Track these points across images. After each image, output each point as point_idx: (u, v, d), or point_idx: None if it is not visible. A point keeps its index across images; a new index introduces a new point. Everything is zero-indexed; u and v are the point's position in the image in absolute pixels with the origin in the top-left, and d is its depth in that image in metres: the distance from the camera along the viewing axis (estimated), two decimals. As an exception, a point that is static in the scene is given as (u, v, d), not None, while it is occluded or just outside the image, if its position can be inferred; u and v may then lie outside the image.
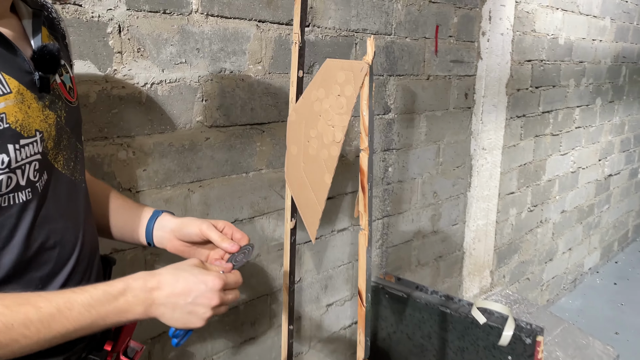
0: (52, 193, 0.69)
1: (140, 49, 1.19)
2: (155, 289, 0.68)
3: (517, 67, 2.54)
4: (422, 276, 2.27)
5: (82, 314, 0.63)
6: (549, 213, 3.17)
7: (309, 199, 1.10)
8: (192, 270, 0.72)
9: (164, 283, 0.69)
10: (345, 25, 1.64)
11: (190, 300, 0.69)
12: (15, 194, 0.63)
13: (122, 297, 0.66)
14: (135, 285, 0.67)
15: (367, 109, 0.97)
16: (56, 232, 0.70)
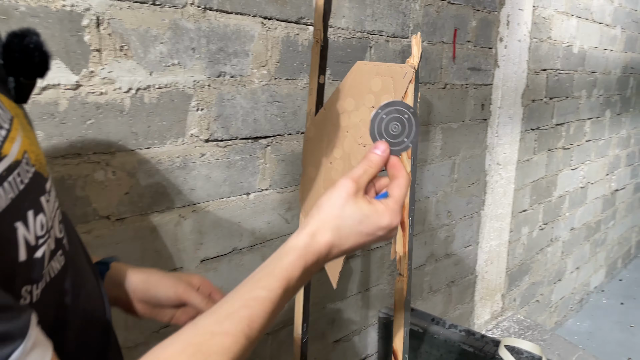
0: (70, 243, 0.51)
1: (123, 47, 0.97)
2: (328, 252, 0.56)
3: (532, 76, 2.37)
4: (434, 304, 2.07)
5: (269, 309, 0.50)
6: (559, 231, 3.00)
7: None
8: (359, 212, 0.56)
9: (334, 243, 0.55)
10: (359, 26, 1.44)
11: (367, 244, 0.58)
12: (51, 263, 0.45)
13: (300, 281, 0.54)
14: (311, 264, 0.54)
15: (410, 125, 0.77)
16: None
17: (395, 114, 0.61)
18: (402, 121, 0.61)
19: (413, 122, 0.60)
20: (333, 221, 0.55)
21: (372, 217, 0.56)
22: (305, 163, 0.94)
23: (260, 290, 0.50)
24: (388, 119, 0.61)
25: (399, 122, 0.61)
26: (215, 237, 1.20)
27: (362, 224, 0.55)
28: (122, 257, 1.04)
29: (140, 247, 1.07)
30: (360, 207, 0.56)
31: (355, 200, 0.56)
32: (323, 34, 0.86)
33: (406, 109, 0.61)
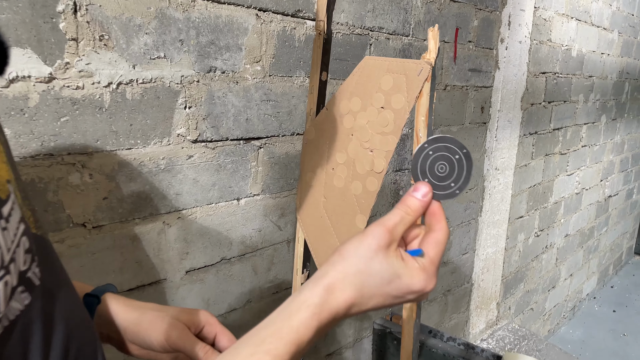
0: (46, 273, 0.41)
1: (103, 37, 0.88)
2: (346, 311, 0.47)
3: (532, 79, 2.30)
4: (429, 314, 1.99)
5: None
6: (554, 237, 2.94)
7: (330, 247, 0.80)
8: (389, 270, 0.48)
9: (354, 301, 0.47)
10: (359, 22, 1.36)
11: (392, 304, 0.50)
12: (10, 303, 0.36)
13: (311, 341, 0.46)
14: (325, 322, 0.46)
15: (424, 127, 0.69)
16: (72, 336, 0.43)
17: (444, 152, 0.52)
18: (452, 162, 0.51)
19: (464, 165, 0.51)
20: (357, 276, 0.47)
21: (404, 277, 0.48)
22: (303, 168, 0.85)
23: (263, 355, 0.42)
24: (435, 157, 0.52)
25: (448, 163, 0.51)
26: (202, 246, 1.11)
27: (391, 284, 0.47)
28: (101, 268, 0.95)
29: (120, 258, 0.97)
30: (391, 263, 0.47)
31: (387, 254, 0.47)
32: (326, 26, 0.78)
33: (458, 149, 0.51)
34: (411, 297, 0.49)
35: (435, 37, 0.66)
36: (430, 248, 0.49)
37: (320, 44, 0.78)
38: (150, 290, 1.03)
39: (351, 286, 0.46)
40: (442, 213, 0.51)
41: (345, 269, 0.47)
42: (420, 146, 0.52)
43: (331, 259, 0.49)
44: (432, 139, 0.52)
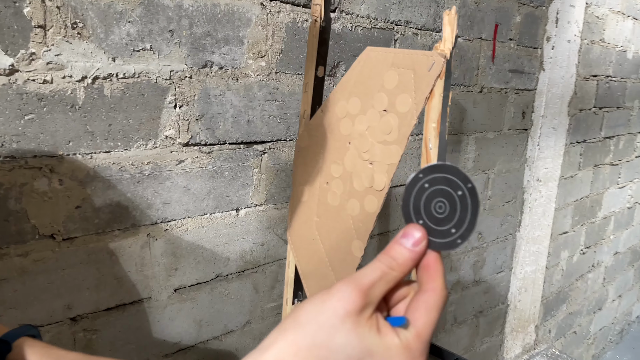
0: None
1: (77, 25, 0.77)
2: None
3: (581, 82, 2.09)
4: (458, 337, 1.82)
5: None
6: (601, 255, 2.70)
7: (323, 277, 0.67)
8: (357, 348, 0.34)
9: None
10: (382, 15, 1.22)
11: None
12: None
13: None
14: None
15: (435, 137, 0.54)
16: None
17: (444, 186, 0.39)
18: (453, 199, 0.38)
19: (469, 205, 0.38)
20: (314, 352, 0.34)
21: (379, 357, 0.34)
22: (295, 181, 0.72)
23: None
24: (432, 192, 0.39)
25: (448, 200, 0.38)
26: (194, 262, 0.99)
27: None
28: (73, 285, 0.84)
29: (96, 274, 0.86)
30: (361, 337, 0.34)
31: (357, 323, 0.35)
32: (324, 12, 0.65)
33: (462, 182, 0.38)
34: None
35: (451, 23, 0.52)
36: (418, 315, 0.36)
37: (316, 33, 0.65)
38: (132, 310, 0.93)
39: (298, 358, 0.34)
40: (440, 268, 0.38)
41: (297, 341, 0.34)
42: (413, 177, 0.39)
43: (283, 324, 0.36)
44: (429, 167, 0.39)
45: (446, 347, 1.71)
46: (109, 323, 0.90)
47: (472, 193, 0.38)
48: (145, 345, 0.95)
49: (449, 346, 1.77)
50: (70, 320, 0.85)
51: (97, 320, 0.88)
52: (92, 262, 0.86)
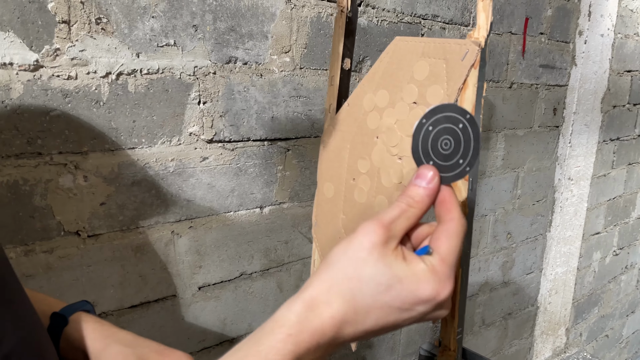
0: None
1: (101, 20, 0.77)
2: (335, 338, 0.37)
3: (615, 78, 2.03)
4: (486, 339, 1.78)
5: None
6: (635, 257, 2.61)
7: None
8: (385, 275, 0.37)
9: (344, 321, 0.37)
10: (409, 8, 1.19)
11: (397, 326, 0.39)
12: None
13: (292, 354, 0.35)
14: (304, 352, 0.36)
15: (468, 131, 0.52)
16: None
17: (446, 124, 0.41)
18: (456, 134, 0.41)
19: (470, 133, 0.41)
20: (345, 285, 0.37)
21: (407, 282, 0.37)
22: (320, 177, 0.70)
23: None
24: (436, 132, 0.41)
25: (451, 136, 0.41)
26: (219, 259, 0.98)
27: (390, 292, 0.36)
28: (97, 282, 0.84)
29: (120, 271, 0.86)
30: (389, 264, 0.37)
31: (383, 254, 0.37)
32: (351, 0, 0.62)
33: (460, 115, 0.41)
34: (422, 309, 0.38)
35: (486, 9, 0.50)
36: (440, 243, 0.38)
37: (342, 24, 0.63)
38: (157, 307, 0.92)
39: (338, 298, 0.36)
40: (455, 200, 0.40)
41: (330, 277, 0.37)
42: (418, 123, 0.41)
43: (317, 269, 0.39)
44: (430, 111, 0.41)
45: (474, 349, 1.67)
46: (134, 320, 0.89)
47: (471, 122, 0.41)
48: (169, 343, 0.94)
49: (477, 348, 1.73)
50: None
51: (122, 317, 0.88)
52: (117, 259, 0.85)
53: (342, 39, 0.63)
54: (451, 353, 0.56)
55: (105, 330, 0.54)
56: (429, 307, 0.38)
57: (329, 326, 0.36)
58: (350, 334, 0.37)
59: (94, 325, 0.53)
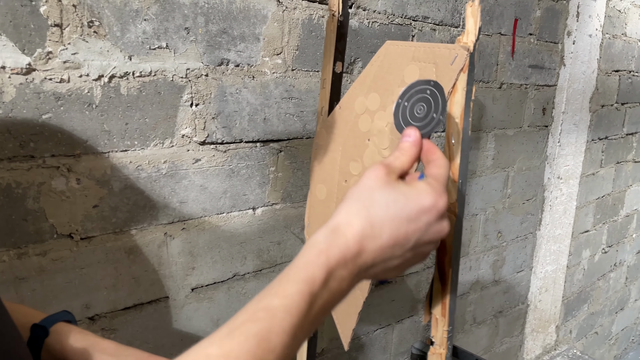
0: None
1: (93, 23, 0.77)
2: (358, 252, 0.44)
3: (603, 77, 2.05)
4: (477, 337, 1.79)
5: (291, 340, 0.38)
6: (624, 254, 2.65)
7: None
8: (392, 194, 0.46)
9: (364, 235, 0.44)
10: (400, 10, 1.20)
11: (410, 246, 0.46)
12: None
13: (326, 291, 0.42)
14: (335, 264, 0.42)
15: (458, 133, 0.53)
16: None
17: (418, 96, 0.52)
18: (427, 99, 0.52)
19: (437, 94, 0.51)
20: (362, 209, 0.45)
21: (411, 196, 0.45)
22: (313, 179, 0.71)
23: (271, 298, 0.39)
24: (411, 104, 0.53)
25: (424, 102, 0.52)
26: (212, 261, 0.99)
27: (398, 205, 0.45)
28: (91, 284, 0.84)
29: (113, 273, 0.86)
30: (394, 187, 0.46)
31: (387, 182, 0.46)
32: (342, 6, 0.63)
33: (426, 85, 0.52)
34: (426, 219, 0.45)
35: (474, 15, 0.50)
36: (431, 171, 0.48)
37: (334, 28, 0.63)
38: (150, 309, 0.92)
39: (357, 218, 0.44)
40: (436, 148, 0.50)
41: (348, 207, 0.45)
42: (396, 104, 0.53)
43: (336, 209, 0.46)
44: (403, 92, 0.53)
45: (465, 347, 1.69)
46: (127, 322, 0.90)
47: (436, 86, 0.51)
48: (163, 344, 0.95)
49: (468, 346, 1.75)
50: (89, 320, 0.85)
51: (115, 319, 0.88)
52: (110, 261, 0.86)
53: (334, 43, 0.64)
54: (441, 351, 0.57)
55: (88, 340, 0.54)
56: (432, 216, 0.45)
57: (352, 241, 0.43)
58: (371, 250, 0.43)
59: (76, 336, 0.53)
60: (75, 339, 0.52)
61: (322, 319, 0.43)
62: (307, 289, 0.39)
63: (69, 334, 0.53)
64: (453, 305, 0.56)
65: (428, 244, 0.47)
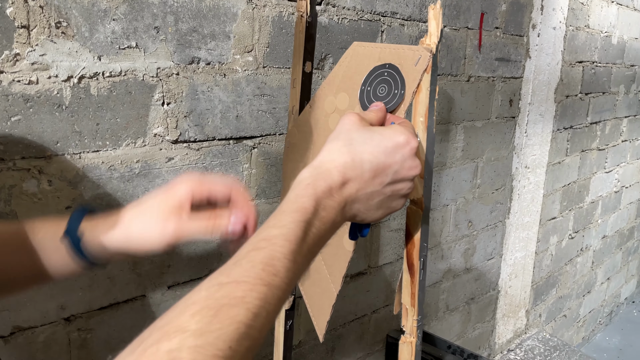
0: None
1: (61, 24, 0.76)
2: (342, 182, 0.48)
3: (567, 69, 2.11)
4: (450, 324, 1.84)
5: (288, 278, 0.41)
6: (589, 239, 2.74)
7: (315, 270, 0.68)
8: (368, 132, 0.50)
9: (346, 167, 0.48)
10: (369, 6, 1.22)
11: (388, 180, 0.50)
12: None
13: (317, 219, 0.45)
14: (322, 194, 0.46)
15: (423, 131, 0.55)
16: None
17: (378, 79, 0.57)
18: (386, 80, 0.57)
19: (394, 73, 0.56)
20: (342, 146, 0.49)
21: (386, 134, 0.49)
22: (285, 176, 0.72)
23: (270, 229, 0.43)
24: (373, 87, 0.58)
25: (384, 83, 0.57)
26: (187, 258, 1.00)
27: (375, 141, 0.49)
28: (65, 285, 0.84)
29: (88, 273, 0.86)
30: (369, 129, 0.50)
31: (363, 125, 0.51)
32: (310, 7, 0.65)
33: (382, 68, 0.57)
34: (402, 153, 0.49)
35: (436, 17, 0.52)
36: (401, 121, 0.54)
37: (302, 29, 0.65)
38: (126, 308, 0.93)
39: (338, 154, 0.48)
40: (401, 118, 0.55)
41: (330, 147, 0.49)
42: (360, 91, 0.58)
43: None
44: (364, 80, 0.58)
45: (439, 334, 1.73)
46: (103, 322, 0.90)
47: (391, 67, 0.56)
48: (140, 342, 0.96)
49: (442, 333, 1.79)
50: (64, 321, 0.85)
51: (91, 319, 0.88)
52: (84, 262, 0.85)
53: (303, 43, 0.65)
54: (412, 340, 0.59)
55: (111, 221, 0.57)
56: (406, 151, 0.49)
57: (335, 172, 0.47)
58: (354, 180, 0.47)
59: (104, 224, 0.56)
60: (101, 230, 0.55)
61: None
62: (299, 217, 0.43)
63: (97, 229, 0.56)
64: (422, 295, 0.59)
65: (403, 181, 0.50)
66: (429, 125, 0.54)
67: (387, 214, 0.51)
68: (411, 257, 0.58)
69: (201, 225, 0.54)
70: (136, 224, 0.55)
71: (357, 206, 0.49)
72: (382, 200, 0.50)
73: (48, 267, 0.56)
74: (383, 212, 0.51)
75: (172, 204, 0.55)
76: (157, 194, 0.56)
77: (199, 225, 0.54)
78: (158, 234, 0.54)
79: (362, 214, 0.50)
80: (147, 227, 0.54)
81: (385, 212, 0.51)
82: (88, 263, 0.57)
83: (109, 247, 0.56)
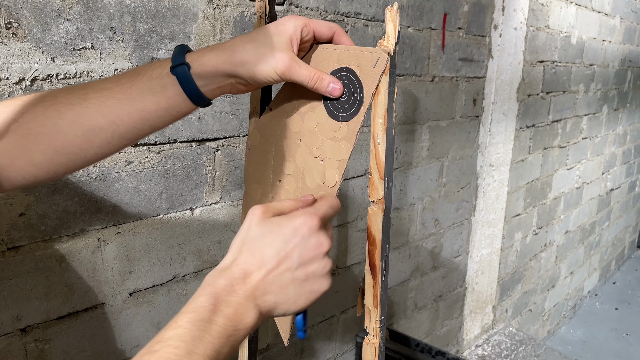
0: None
1: (11, 25, 0.74)
2: (244, 276, 0.47)
3: (529, 68, 2.16)
4: (419, 322, 1.86)
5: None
6: (553, 235, 2.81)
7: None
8: (267, 226, 0.50)
9: (247, 263, 0.48)
10: (332, 7, 1.21)
11: (295, 264, 0.48)
12: None
13: (220, 316, 0.44)
14: (222, 291, 0.46)
15: (383, 133, 0.55)
16: None
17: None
18: (345, 84, 0.56)
19: (351, 76, 0.55)
20: (240, 245, 0.49)
21: (284, 222, 0.49)
22: (248, 179, 0.71)
23: (165, 331, 0.42)
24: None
25: (344, 87, 0.56)
26: (149, 264, 0.97)
27: (273, 233, 0.48)
28: (20, 295, 0.81)
29: (45, 282, 0.84)
30: (269, 221, 0.50)
31: (263, 219, 0.50)
32: (269, 7, 0.64)
33: (340, 72, 0.57)
34: (301, 234, 0.48)
35: (394, 19, 0.52)
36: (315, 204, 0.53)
37: (261, 29, 0.64)
38: (86, 317, 0.90)
39: (237, 253, 0.48)
40: (332, 196, 0.56)
41: (231, 250, 0.50)
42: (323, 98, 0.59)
43: None
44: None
45: (407, 332, 1.75)
46: (62, 332, 0.87)
47: (348, 70, 0.56)
48: (101, 352, 0.93)
49: (410, 331, 1.81)
50: (20, 332, 0.82)
51: (49, 329, 0.86)
52: (40, 270, 0.83)
53: (262, 44, 0.64)
54: (375, 341, 0.59)
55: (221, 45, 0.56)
56: (304, 231, 0.48)
57: (236, 269, 0.47)
58: (257, 274, 0.47)
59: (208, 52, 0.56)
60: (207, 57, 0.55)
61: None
62: (195, 316, 0.43)
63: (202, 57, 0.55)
64: (384, 296, 0.59)
65: (315, 261, 0.49)
66: (388, 126, 0.54)
67: (313, 298, 0.49)
68: (373, 259, 0.58)
69: (308, 72, 0.55)
70: (248, 50, 0.54)
71: (271, 298, 0.47)
72: (300, 286, 0.48)
73: (156, 112, 0.55)
74: (306, 297, 0.49)
75: (284, 37, 0.55)
76: (266, 28, 0.56)
77: (306, 71, 0.55)
78: (273, 62, 0.54)
79: (283, 305, 0.48)
80: (260, 53, 0.54)
81: (310, 297, 0.49)
82: (195, 96, 0.56)
83: (219, 70, 0.55)
